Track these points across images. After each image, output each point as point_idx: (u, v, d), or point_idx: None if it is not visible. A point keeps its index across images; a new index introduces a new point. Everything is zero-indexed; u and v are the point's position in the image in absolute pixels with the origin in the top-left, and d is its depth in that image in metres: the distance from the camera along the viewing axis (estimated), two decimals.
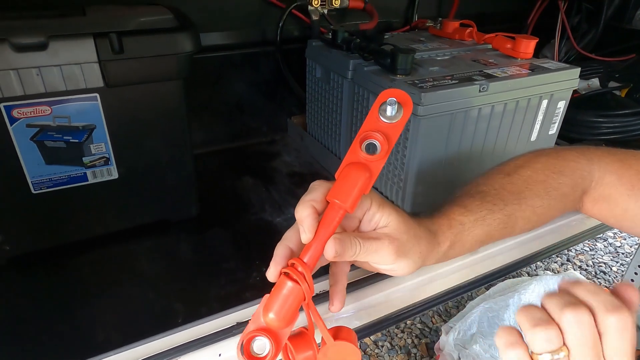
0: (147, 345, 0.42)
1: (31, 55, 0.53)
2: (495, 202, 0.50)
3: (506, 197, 0.51)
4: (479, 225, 0.48)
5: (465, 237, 0.47)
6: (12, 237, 0.64)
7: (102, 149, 0.64)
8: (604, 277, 1.77)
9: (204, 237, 0.73)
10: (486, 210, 0.49)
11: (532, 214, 0.51)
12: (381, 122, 0.40)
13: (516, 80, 0.72)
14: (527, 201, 0.51)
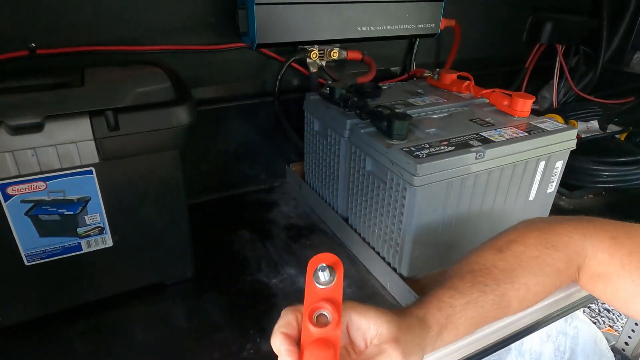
0: None
1: (27, 137, 0.53)
2: (487, 283, 0.49)
3: (498, 275, 0.50)
4: (470, 308, 0.47)
5: (457, 320, 0.46)
6: (3, 308, 0.63)
7: (97, 219, 0.63)
8: (608, 316, 1.74)
9: (199, 301, 0.73)
10: (478, 292, 0.48)
11: (526, 292, 0.50)
12: (320, 290, 0.40)
13: (513, 145, 0.71)
14: (520, 279, 0.50)
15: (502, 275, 0.51)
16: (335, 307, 0.39)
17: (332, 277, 0.40)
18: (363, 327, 0.41)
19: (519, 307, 0.52)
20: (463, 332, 0.48)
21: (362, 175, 0.79)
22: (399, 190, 0.69)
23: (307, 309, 0.39)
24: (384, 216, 0.74)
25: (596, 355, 1.41)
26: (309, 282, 0.41)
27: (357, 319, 0.42)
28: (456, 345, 0.59)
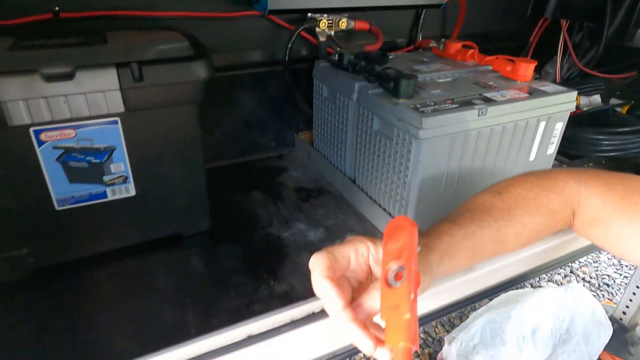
0: (163, 357, 0.45)
1: (59, 85, 0.57)
2: (485, 219, 0.52)
3: (496, 214, 0.53)
4: (469, 239, 0.50)
5: (455, 248, 0.49)
6: (35, 250, 0.68)
7: (121, 169, 0.68)
8: (607, 290, 1.78)
9: (214, 250, 0.77)
10: (476, 225, 0.51)
11: (522, 229, 0.54)
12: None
13: (514, 104, 0.75)
14: (517, 217, 0.54)
15: (500, 214, 0.54)
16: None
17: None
18: (376, 256, 0.45)
19: (515, 244, 0.56)
20: (462, 261, 0.52)
21: (370, 135, 0.82)
22: (405, 145, 0.73)
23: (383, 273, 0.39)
24: (390, 172, 0.78)
25: (594, 324, 1.45)
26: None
27: (374, 249, 0.46)
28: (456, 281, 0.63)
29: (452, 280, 0.60)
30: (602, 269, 1.87)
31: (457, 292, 0.63)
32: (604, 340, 1.44)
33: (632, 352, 1.47)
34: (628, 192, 0.56)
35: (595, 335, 1.44)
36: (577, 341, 1.43)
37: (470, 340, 1.45)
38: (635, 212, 0.54)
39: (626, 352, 1.47)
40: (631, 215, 0.55)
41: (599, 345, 1.44)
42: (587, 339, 1.44)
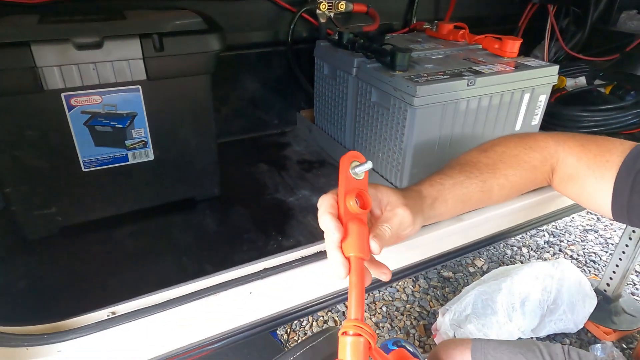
0: (193, 284, 0.51)
1: (89, 53, 0.63)
2: (472, 171, 0.59)
3: (482, 167, 0.60)
4: (458, 187, 0.57)
5: (446, 195, 0.56)
6: (63, 209, 0.74)
7: (142, 134, 0.74)
8: (593, 266, 1.86)
9: (226, 213, 0.84)
10: (464, 176, 0.58)
11: (505, 181, 0.60)
12: (355, 180, 0.48)
13: (501, 75, 0.82)
14: (501, 171, 0.61)
15: (486, 168, 0.61)
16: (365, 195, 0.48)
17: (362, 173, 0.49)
18: (378, 198, 0.52)
19: (499, 194, 0.63)
20: (452, 207, 0.58)
21: (368, 107, 0.89)
22: (401, 112, 0.79)
23: (346, 194, 0.46)
24: (387, 140, 0.85)
25: (580, 295, 1.53)
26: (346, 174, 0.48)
27: (373, 193, 0.52)
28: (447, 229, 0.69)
29: (442, 228, 0.67)
30: (589, 247, 1.96)
31: (447, 242, 0.70)
32: (588, 310, 1.52)
33: (615, 321, 1.55)
34: (601, 151, 0.63)
35: (580, 305, 1.53)
36: (563, 310, 1.51)
37: (462, 311, 1.53)
38: (606, 169, 0.61)
39: (610, 321, 1.55)
40: (603, 172, 0.61)
41: (584, 315, 1.52)
42: (573, 309, 1.52)
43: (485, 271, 1.78)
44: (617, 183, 0.59)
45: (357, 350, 0.38)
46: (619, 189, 0.59)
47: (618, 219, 0.61)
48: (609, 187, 0.60)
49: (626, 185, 0.59)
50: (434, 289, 1.75)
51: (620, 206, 0.60)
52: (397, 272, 0.66)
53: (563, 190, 0.67)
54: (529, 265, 1.58)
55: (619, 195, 0.59)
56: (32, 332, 0.42)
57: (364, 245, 0.44)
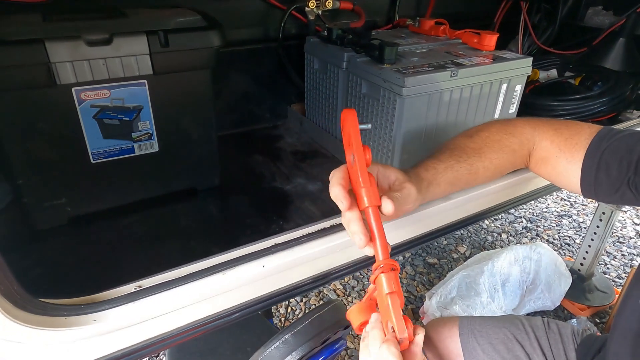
0: (212, 259, 0.56)
1: (99, 49, 0.67)
2: (460, 155, 0.66)
3: (469, 152, 0.67)
4: (448, 171, 0.63)
5: (439, 178, 0.63)
6: (72, 200, 0.77)
7: (147, 126, 0.78)
8: (568, 249, 1.97)
9: (227, 201, 0.88)
10: (453, 160, 0.64)
11: (489, 163, 0.67)
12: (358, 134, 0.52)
13: (480, 67, 0.88)
14: (485, 155, 0.67)
15: (472, 152, 0.67)
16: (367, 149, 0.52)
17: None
18: (387, 174, 0.57)
19: (485, 175, 0.69)
20: (444, 189, 0.65)
21: (358, 98, 0.94)
22: (390, 102, 0.85)
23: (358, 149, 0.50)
24: (378, 129, 0.91)
25: (556, 275, 1.63)
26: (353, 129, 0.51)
27: (383, 170, 0.58)
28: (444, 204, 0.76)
29: (434, 206, 0.73)
30: (564, 231, 2.07)
31: (435, 220, 0.76)
32: (564, 288, 1.62)
33: (589, 298, 1.66)
34: (571, 134, 0.70)
35: (556, 284, 1.62)
36: (541, 290, 1.61)
37: (448, 294, 1.61)
38: (575, 150, 0.68)
39: (584, 298, 1.66)
40: (572, 153, 0.68)
41: (560, 293, 1.62)
42: (550, 288, 1.62)
43: (468, 257, 1.87)
44: (584, 163, 0.66)
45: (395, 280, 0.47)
46: (587, 168, 0.66)
47: (587, 195, 0.68)
48: (578, 167, 0.67)
49: (592, 165, 0.66)
50: (420, 275, 1.82)
51: (588, 183, 0.67)
52: (395, 246, 0.72)
53: (538, 171, 0.74)
54: (508, 250, 1.67)
55: (587, 174, 0.66)
56: (70, 303, 0.46)
57: (376, 196, 0.50)
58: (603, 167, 0.65)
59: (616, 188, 0.65)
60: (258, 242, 0.60)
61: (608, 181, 0.65)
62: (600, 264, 1.87)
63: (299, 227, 0.65)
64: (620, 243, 1.99)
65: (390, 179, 0.58)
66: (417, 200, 0.58)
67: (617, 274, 1.83)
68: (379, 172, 0.58)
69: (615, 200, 0.67)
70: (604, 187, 0.66)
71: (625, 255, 1.93)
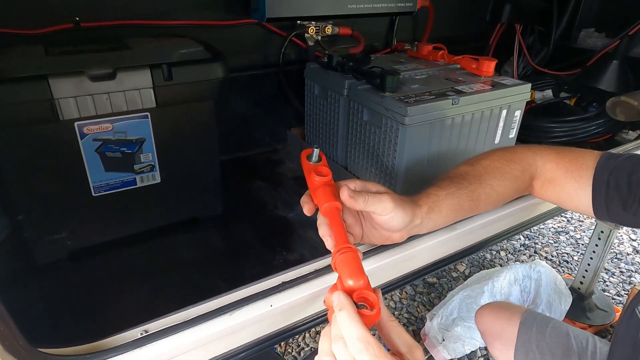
0: (216, 301, 0.55)
1: (103, 84, 0.66)
2: (461, 182, 0.65)
3: (470, 178, 0.67)
4: (450, 197, 0.63)
5: (440, 205, 0.62)
6: (73, 234, 0.76)
7: (150, 158, 0.77)
8: (567, 266, 1.97)
9: (230, 230, 0.87)
10: (455, 187, 0.64)
11: (491, 190, 0.67)
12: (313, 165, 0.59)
13: (481, 94, 0.89)
14: (487, 181, 0.67)
15: (473, 179, 0.68)
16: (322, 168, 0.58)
17: (320, 158, 0.60)
18: (367, 186, 0.57)
19: (486, 203, 0.69)
20: (446, 216, 0.64)
21: (360, 125, 0.95)
22: (393, 131, 0.85)
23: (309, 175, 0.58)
24: (380, 157, 0.91)
25: (556, 294, 1.62)
26: (305, 163, 0.60)
27: (361, 182, 0.58)
28: (444, 237, 0.76)
29: (438, 237, 0.73)
30: (562, 248, 2.07)
31: (442, 249, 0.76)
32: (565, 308, 1.62)
33: (590, 317, 1.66)
34: (575, 156, 0.71)
35: (557, 303, 1.62)
36: (542, 310, 1.60)
37: (449, 315, 1.59)
38: (582, 170, 0.69)
39: (585, 317, 1.65)
40: (580, 173, 0.69)
41: (561, 312, 1.61)
42: (551, 308, 1.61)
43: (468, 275, 1.86)
44: (595, 181, 0.67)
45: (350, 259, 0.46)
46: (597, 187, 0.67)
47: (599, 215, 0.68)
48: (588, 186, 0.68)
49: (602, 183, 0.66)
50: (420, 295, 1.81)
51: (600, 202, 0.67)
52: (395, 281, 0.72)
53: (544, 195, 0.74)
54: (508, 269, 1.66)
55: (598, 193, 0.67)
56: (74, 353, 0.45)
57: (329, 195, 0.54)
58: (613, 184, 0.66)
59: (629, 206, 0.65)
60: (265, 279, 0.59)
61: (620, 199, 0.65)
62: (599, 282, 1.87)
63: (305, 261, 0.65)
64: (618, 259, 2.00)
65: (371, 191, 0.58)
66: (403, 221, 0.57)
67: (617, 291, 1.83)
68: (357, 186, 0.58)
69: (628, 221, 0.67)
70: (616, 206, 0.66)
71: (624, 271, 1.93)
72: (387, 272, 0.69)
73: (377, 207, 0.55)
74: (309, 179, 0.58)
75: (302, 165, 0.60)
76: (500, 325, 0.92)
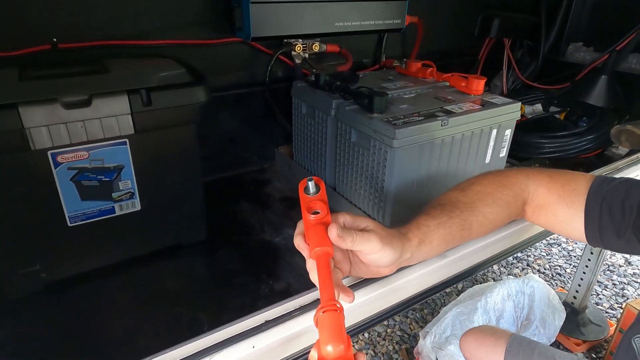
0: (194, 344, 0.52)
1: (78, 111, 0.63)
2: (453, 210, 0.63)
3: (461, 206, 0.64)
4: (441, 227, 0.61)
5: (431, 236, 0.60)
6: (48, 266, 0.72)
7: (129, 185, 0.74)
8: (559, 279, 1.96)
9: (215, 257, 0.84)
10: (446, 216, 0.62)
11: (484, 218, 0.65)
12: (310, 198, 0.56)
13: (470, 114, 0.87)
14: (479, 209, 0.65)
15: (465, 206, 0.65)
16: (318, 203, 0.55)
17: (318, 189, 0.56)
18: (356, 222, 0.55)
19: (478, 230, 0.67)
20: (437, 246, 0.62)
21: (348, 146, 0.92)
22: (381, 153, 0.83)
23: (304, 211, 0.54)
24: (369, 179, 0.89)
25: (550, 309, 1.60)
26: (302, 195, 0.56)
27: (351, 220, 0.56)
28: (432, 267, 0.73)
29: (427, 266, 0.71)
30: (554, 261, 2.06)
31: (432, 277, 0.73)
32: (558, 323, 1.60)
33: (584, 332, 1.64)
34: (567, 180, 0.69)
35: (551, 319, 1.60)
36: (536, 326, 1.58)
37: (442, 333, 1.57)
38: (575, 196, 0.67)
39: (578, 332, 1.64)
40: (572, 199, 0.67)
41: (555, 328, 1.59)
42: (545, 323, 1.59)
43: (461, 290, 1.84)
44: (587, 208, 0.65)
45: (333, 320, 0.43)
46: (590, 212, 0.65)
47: (592, 241, 0.67)
48: (580, 212, 0.66)
49: (595, 209, 0.65)
50: (413, 312, 1.78)
51: (593, 228, 0.65)
52: (384, 312, 0.69)
53: (536, 220, 0.72)
54: (501, 284, 1.64)
55: (591, 218, 0.65)
56: None
57: (323, 240, 0.51)
58: (606, 210, 0.64)
59: (622, 233, 0.63)
60: (247, 317, 0.56)
61: (613, 225, 0.64)
62: (592, 295, 1.86)
63: (292, 290, 0.62)
64: (611, 272, 1.99)
65: (360, 227, 0.56)
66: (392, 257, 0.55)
67: (610, 305, 1.82)
68: (346, 221, 0.56)
69: (622, 248, 0.65)
70: (609, 232, 0.64)
71: (616, 284, 1.92)
72: (375, 304, 0.67)
73: (364, 246, 0.53)
74: (304, 216, 0.55)
75: (300, 197, 0.57)
76: (485, 352, 0.89)
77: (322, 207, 0.55)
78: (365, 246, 0.53)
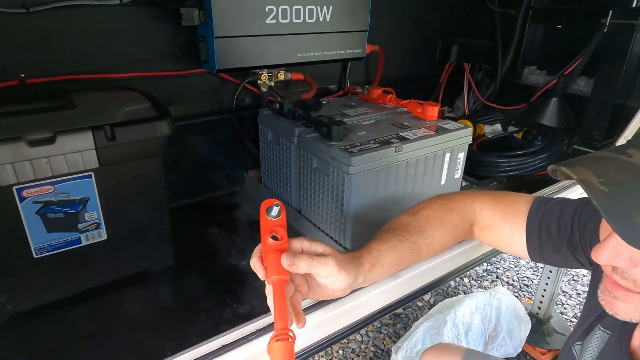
0: None
1: (42, 148, 0.66)
2: (403, 234, 0.68)
3: (411, 230, 0.69)
4: (392, 251, 0.65)
5: (382, 260, 0.64)
6: (14, 297, 0.74)
7: (94, 216, 0.77)
8: (527, 290, 2.03)
9: (181, 282, 0.87)
10: (396, 240, 0.67)
11: (432, 241, 0.70)
12: (271, 221, 0.58)
13: (423, 140, 0.93)
14: (427, 232, 0.70)
15: (414, 230, 0.70)
16: (279, 230, 0.57)
17: (279, 213, 0.58)
18: (313, 247, 0.59)
19: (427, 252, 0.72)
20: (388, 269, 0.67)
21: (310, 172, 0.97)
22: (339, 179, 0.88)
23: (264, 233, 0.57)
24: (330, 202, 0.93)
25: (516, 320, 1.67)
26: (263, 217, 0.58)
27: (308, 243, 0.60)
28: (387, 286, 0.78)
29: (383, 285, 0.75)
30: (522, 272, 2.14)
31: (385, 297, 0.78)
32: (524, 334, 1.66)
33: (549, 342, 1.70)
34: (510, 202, 0.75)
35: (517, 330, 1.66)
36: (503, 337, 1.64)
37: (413, 347, 1.60)
38: (516, 216, 0.73)
39: (544, 342, 1.70)
40: (514, 219, 0.73)
41: (521, 339, 1.65)
42: (511, 334, 1.65)
43: (433, 304, 1.89)
44: (527, 227, 0.71)
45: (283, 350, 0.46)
46: (530, 231, 0.71)
47: (534, 257, 0.73)
48: (522, 231, 0.72)
49: (535, 228, 0.71)
50: (386, 327, 1.82)
51: (534, 246, 0.71)
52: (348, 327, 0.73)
53: (483, 239, 0.78)
54: (469, 297, 1.70)
55: (531, 237, 0.71)
56: None
57: (279, 267, 0.54)
58: (544, 229, 0.70)
59: (559, 249, 0.69)
60: (205, 343, 0.59)
61: (551, 242, 0.70)
62: (557, 304, 1.93)
63: (255, 312, 0.65)
64: (575, 281, 2.08)
65: (317, 252, 0.60)
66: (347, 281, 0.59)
67: (574, 314, 1.89)
68: (304, 246, 0.60)
69: (560, 262, 0.71)
70: (548, 249, 0.70)
71: (580, 293, 2.00)
72: (338, 321, 0.71)
73: (321, 270, 0.56)
74: (263, 239, 0.57)
75: (260, 218, 0.58)
76: None
77: (282, 233, 0.57)
78: (323, 270, 0.56)
